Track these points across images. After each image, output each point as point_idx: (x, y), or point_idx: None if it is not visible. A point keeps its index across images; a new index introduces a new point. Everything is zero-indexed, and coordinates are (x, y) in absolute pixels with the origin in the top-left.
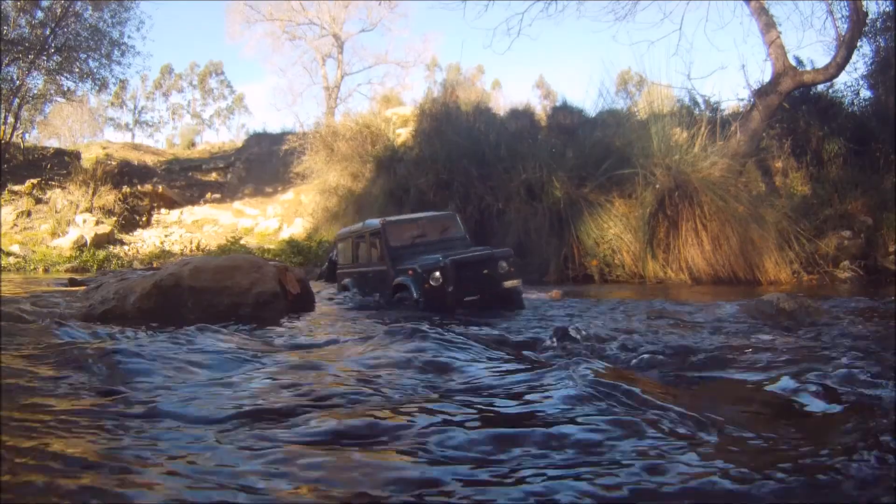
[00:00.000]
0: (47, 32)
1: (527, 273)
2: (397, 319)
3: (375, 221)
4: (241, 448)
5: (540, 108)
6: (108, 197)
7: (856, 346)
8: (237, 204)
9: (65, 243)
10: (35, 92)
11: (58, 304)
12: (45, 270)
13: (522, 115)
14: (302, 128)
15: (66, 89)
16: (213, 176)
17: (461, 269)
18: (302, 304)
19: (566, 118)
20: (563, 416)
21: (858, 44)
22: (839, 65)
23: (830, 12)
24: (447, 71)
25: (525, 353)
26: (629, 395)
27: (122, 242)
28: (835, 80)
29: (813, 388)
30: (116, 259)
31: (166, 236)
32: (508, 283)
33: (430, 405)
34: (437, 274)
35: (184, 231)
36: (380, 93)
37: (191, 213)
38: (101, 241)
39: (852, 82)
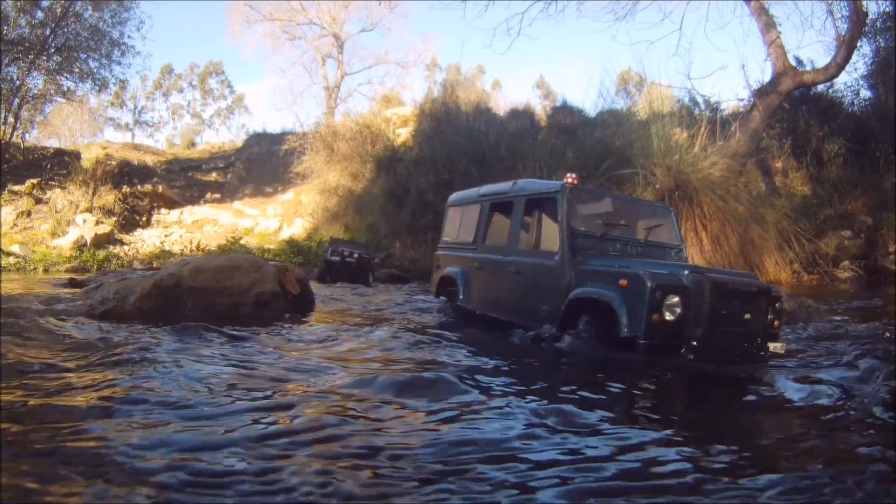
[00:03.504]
0: (47, 32)
1: None
2: None
3: (552, 182)
4: None
5: (540, 108)
6: (108, 197)
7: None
8: (237, 204)
9: (65, 243)
10: (35, 92)
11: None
12: (45, 270)
13: (522, 115)
14: (302, 128)
15: (66, 89)
16: (213, 176)
17: (722, 299)
18: (302, 304)
19: (566, 118)
20: None
21: (858, 44)
22: (839, 65)
23: (830, 12)
24: (447, 71)
25: None
26: None
27: (122, 242)
28: (835, 80)
29: (811, 386)
30: (116, 259)
31: (166, 236)
32: (774, 347)
33: None
34: (677, 299)
35: (184, 231)
36: (380, 93)
37: (191, 213)
38: (101, 241)
39: (852, 82)
